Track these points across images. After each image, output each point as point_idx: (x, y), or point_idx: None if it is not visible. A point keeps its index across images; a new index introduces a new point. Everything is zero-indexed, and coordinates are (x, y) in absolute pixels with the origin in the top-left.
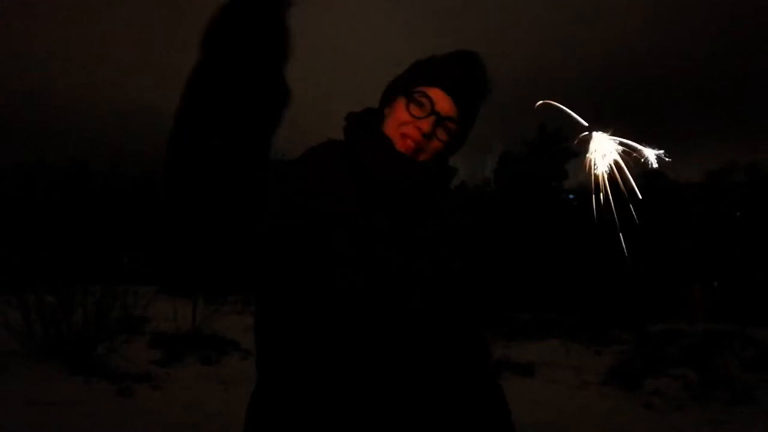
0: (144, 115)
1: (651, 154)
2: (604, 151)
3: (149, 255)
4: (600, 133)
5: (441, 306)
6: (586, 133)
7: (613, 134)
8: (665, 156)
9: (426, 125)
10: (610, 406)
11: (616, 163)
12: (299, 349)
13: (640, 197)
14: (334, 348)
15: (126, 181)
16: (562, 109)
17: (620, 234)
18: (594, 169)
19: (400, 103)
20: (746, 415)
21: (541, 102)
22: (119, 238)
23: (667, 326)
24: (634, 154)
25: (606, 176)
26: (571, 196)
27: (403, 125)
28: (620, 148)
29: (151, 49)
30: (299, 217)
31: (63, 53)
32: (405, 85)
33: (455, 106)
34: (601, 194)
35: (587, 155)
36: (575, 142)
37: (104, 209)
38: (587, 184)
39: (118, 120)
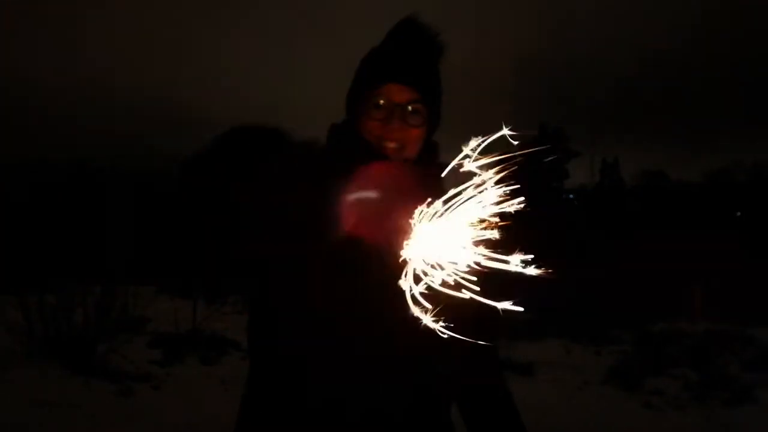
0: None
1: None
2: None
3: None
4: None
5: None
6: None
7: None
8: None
9: (395, 121)
10: (610, 406)
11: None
12: (280, 351)
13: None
14: (313, 354)
15: (127, 180)
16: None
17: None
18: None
19: (363, 112)
20: (746, 415)
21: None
22: (120, 237)
23: (667, 326)
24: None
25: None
26: (570, 196)
27: (375, 131)
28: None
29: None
30: (281, 226)
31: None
32: (358, 94)
33: (411, 87)
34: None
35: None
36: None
37: (105, 208)
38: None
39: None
